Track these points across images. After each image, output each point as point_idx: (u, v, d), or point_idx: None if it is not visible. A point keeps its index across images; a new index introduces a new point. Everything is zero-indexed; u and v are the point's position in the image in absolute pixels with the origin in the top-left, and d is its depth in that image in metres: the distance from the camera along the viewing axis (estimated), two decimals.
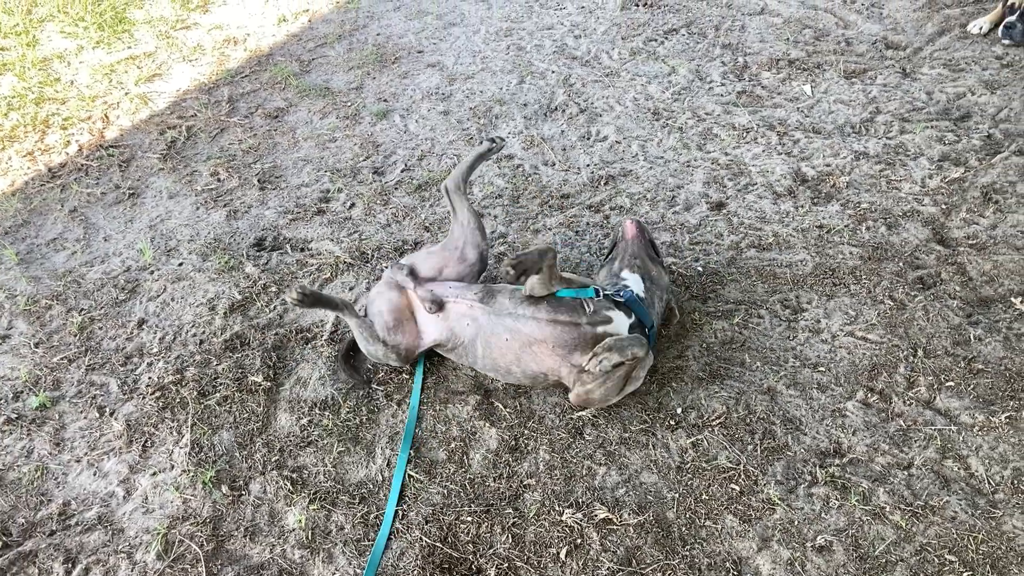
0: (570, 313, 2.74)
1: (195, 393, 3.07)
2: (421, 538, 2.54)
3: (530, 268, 2.63)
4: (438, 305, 2.92)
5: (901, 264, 3.39)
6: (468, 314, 2.89)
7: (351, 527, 2.60)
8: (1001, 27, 4.74)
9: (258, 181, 4.18)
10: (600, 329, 2.72)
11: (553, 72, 4.93)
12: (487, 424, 2.88)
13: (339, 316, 3.22)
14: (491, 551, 2.51)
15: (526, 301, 2.79)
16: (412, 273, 3.01)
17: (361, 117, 4.66)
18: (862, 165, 3.95)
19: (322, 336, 3.27)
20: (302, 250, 3.72)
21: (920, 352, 3.01)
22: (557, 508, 2.60)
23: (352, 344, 3.14)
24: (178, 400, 3.05)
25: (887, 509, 2.52)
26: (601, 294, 2.81)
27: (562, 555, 2.47)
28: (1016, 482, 2.56)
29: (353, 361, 3.16)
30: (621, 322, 2.77)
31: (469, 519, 2.60)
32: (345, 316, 3.00)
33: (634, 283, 2.93)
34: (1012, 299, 3.18)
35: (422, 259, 3.08)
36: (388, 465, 2.78)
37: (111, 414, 3.04)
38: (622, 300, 2.82)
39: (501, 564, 2.47)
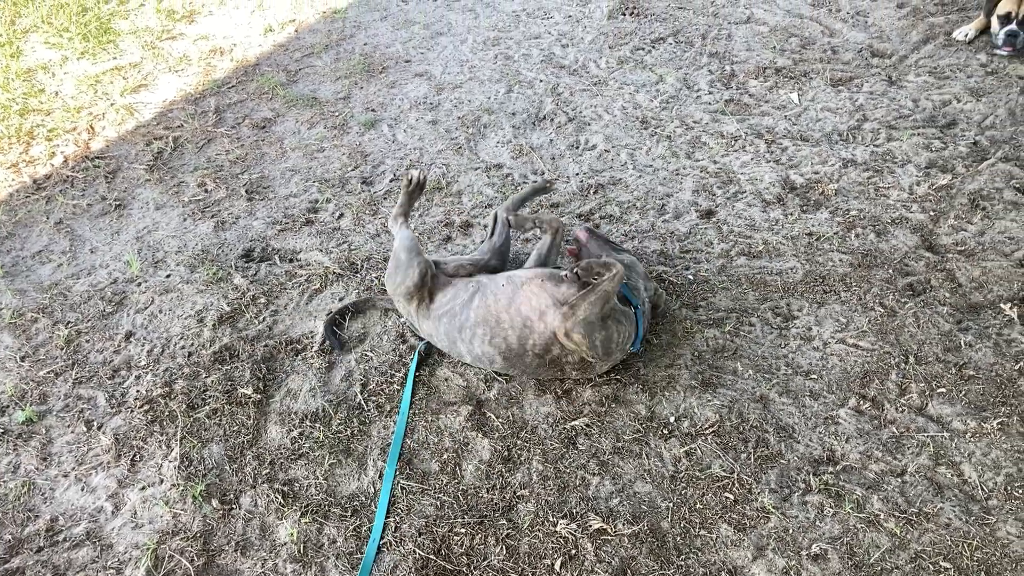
0: (568, 284, 2.86)
1: (184, 406, 3.04)
2: (415, 550, 2.52)
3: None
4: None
5: (891, 271, 3.39)
6: (472, 280, 3.04)
7: (343, 540, 2.58)
8: (1003, 34, 4.72)
9: (246, 192, 4.16)
10: None
11: (541, 81, 4.93)
12: (479, 435, 2.87)
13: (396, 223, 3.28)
14: (485, 563, 2.49)
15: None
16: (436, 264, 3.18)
17: (349, 127, 4.64)
18: (850, 172, 3.97)
19: (312, 347, 3.25)
20: (291, 261, 3.70)
21: (911, 359, 3.01)
22: (551, 519, 2.59)
23: (340, 312, 3.32)
24: (167, 413, 3.02)
25: (881, 516, 2.52)
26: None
27: (557, 566, 2.46)
28: (1009, 488, 2.57)
29: (336, 329, 3.30)
30: None
31: (463, 531, 2.58)
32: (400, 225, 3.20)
33: None
34: (1001, 305, 3.19)
35: (451, 262, 3.22)
36: (380, 477, 2.76)
37: (99, 428, 3.00)
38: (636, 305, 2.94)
39: None
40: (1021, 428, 2.74)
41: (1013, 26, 4.71)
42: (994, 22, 4.81)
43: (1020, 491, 2.56)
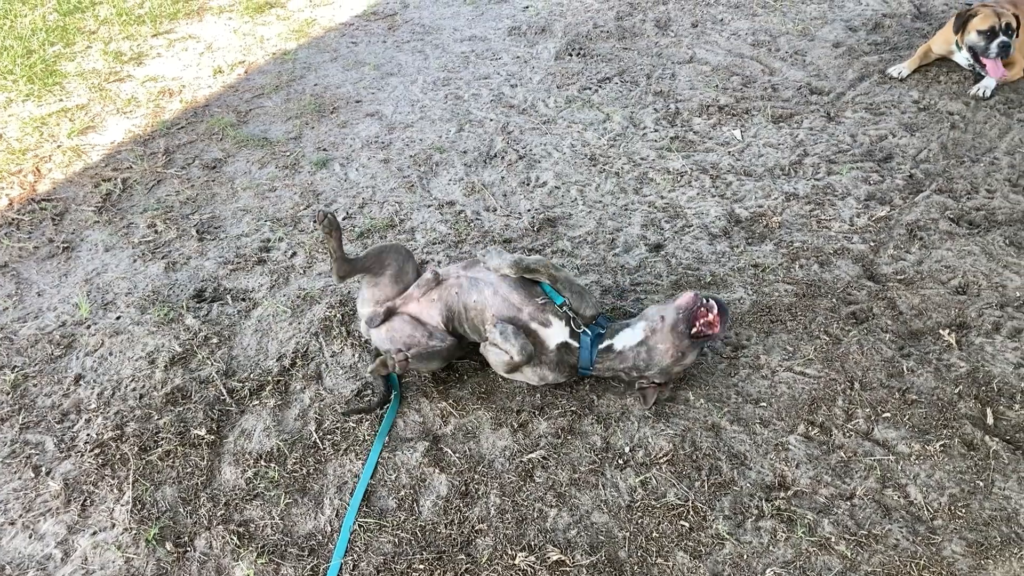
0: (522, 298, 2.97)
1: (136, 449, 2.99)
2: None
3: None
4: (436, 280, 3.15)
5: (834, 300, 3.49)
6: (455, 283, 3.11)
7: None
8: (995, 47, 4.79)
9: (197, 232, 4.14)
10: (533, 325, 2.95)
11: (491, 120, 5.01)
12: (436, 470, 2.87)
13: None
14: None
15: (499, 276, 3.03)
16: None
17: (301, 166, 4.66)
18: (793, 205, 4.09)
19: (267, 387, 3.23)
20: (243, 300, 3.68)
21: (856, 385, 3.10)
22: (510, 552, 2.59)
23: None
24: (118, 456, 2.98)
25: (832, 540, 2.57)
26: (566, 307, 2.99)
27: None
28: (953, 508, 2.64)
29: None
30: (555, 333, 2.97)
31: (421, 567, 2.57)
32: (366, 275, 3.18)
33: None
34: (940, 331, 3.31)
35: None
36: (337, 516, 2.75)
37: (47, 473, 2.95)
38: (583, 330, 3.00)
39: None
40: (963, 450, 2.83)
41: (1003, 37, 4.79)
42: (975, 39, 4.89)
43: (964, 511, 2.63)
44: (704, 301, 2.92)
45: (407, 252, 3.24)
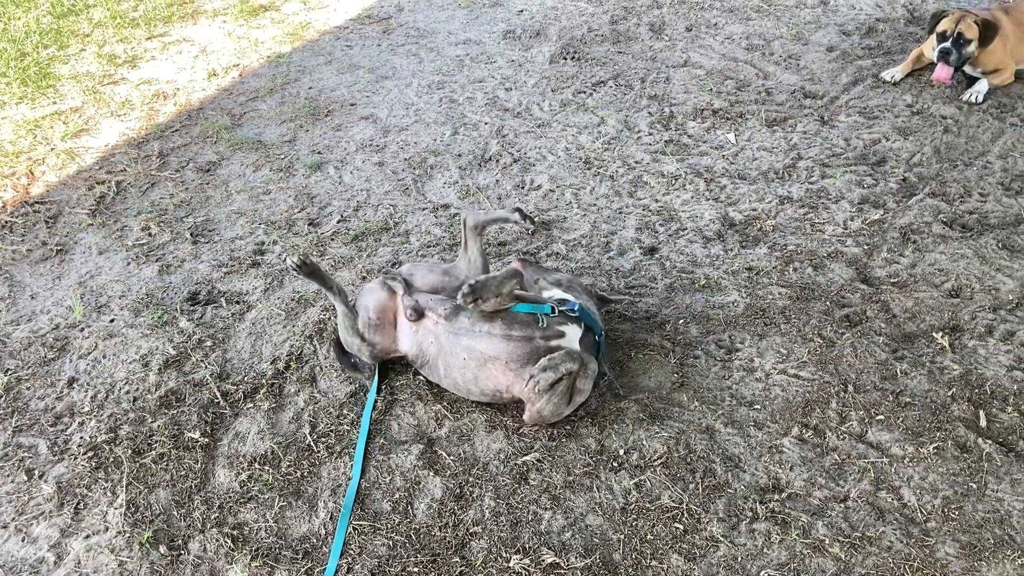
0: (524, 328, 2.86)
1: (130, 452, 2.99)
2: None
3: (487, 293, 2.76)
4: (418, 313, 3.04)
5: (828, 303, 3.50)
6: (432, 331, 3.00)
7: None
8: (937, 51, 4.91)
9: (191, 235, 4.14)
10: (554, 343, 2.85)
11: (486, 123, 5.01)
12: (431, 473, 2.87)
13: (328, 296, 3.25)
14: None
15: (483, 317, 2.88)
16: (406, 283, 3.15)
17: (295, 169, 4.66)
18: (787, 209, 4.10)
19: (261, 390, 3.23)
20: (237, 303, 3.68)
21: (850, 387, 3.11)
22: (504, 555, 2.59)
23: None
24: (112, 459, 2.97)
25: (826, 542, 2.58)
26: (556, 310, 2.92)
27: None
28: (946, 510, 2.65)
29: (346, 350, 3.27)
30: (573, 335, 2.90)
31: (415, 570, 2.57)
32: (335, 299, 3.12)
33: (562, 294, 3.07)
34: (934, 334, 3.32)
35: (422, 274, 3.23)
36: (331, 519, 2.74)
37: (40, 476, 2.94)
38: (575, 314, 2.94)
39: None
40: (956, 452, 2.83)
41: (947, 44, 4.87)
42: (933, 39, 4.97)
43: (957, 513, 2.64)
44: None
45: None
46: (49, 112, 5.37)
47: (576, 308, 2.96)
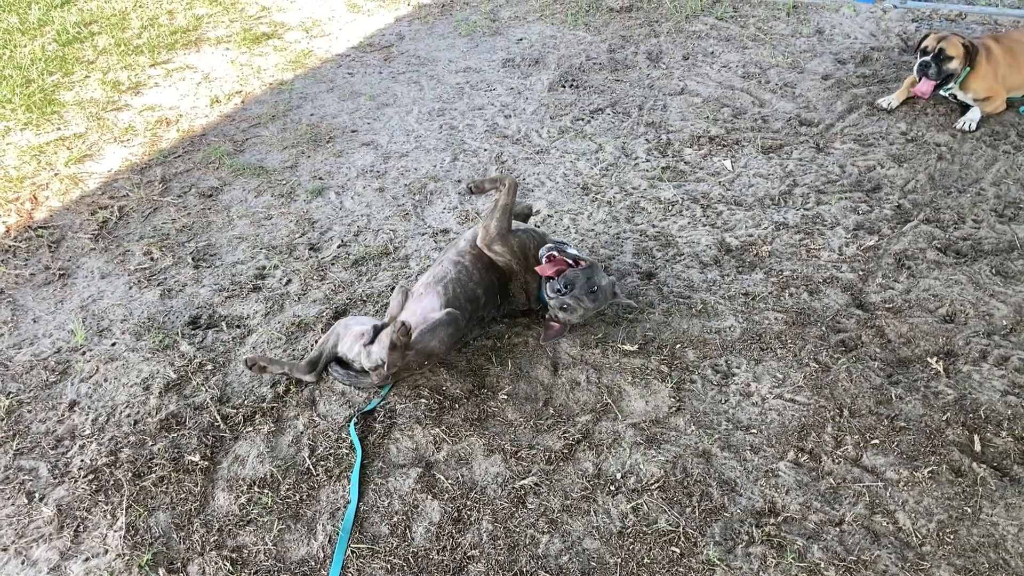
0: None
1: (130, 474, 3.01)
2: None
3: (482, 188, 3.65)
4: (405, 295, 3.46)
5: (823, 328, 3.53)
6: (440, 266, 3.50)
7: None
8: (916, 65, 4.98)
9: (192, 260, 4.18)
10: None
11: (485, 150, 5.07)
12: (429, 496, 2.89)
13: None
14: None
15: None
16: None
17: (296, 195, 4.71)
18: (782, 235, 4.14)
19: (261, 413, 3.25)
20: (238, 327, 3.71)
21: (846, 412, 3.13)
22: None
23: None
24: (112, 482, 2.99)
25: (822, 565, 2.59)
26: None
27: None
28: (941, 534, 2.66)
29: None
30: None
31: None
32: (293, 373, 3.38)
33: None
34: (928, 359, 3.34)
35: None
36: (330, 542, 2.76)
37: (40, 499, 2.96)
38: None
39: None
40: (951, 476, 2.85)
41: (927, 58, 4.94)
42: (917, 57, 5.04)
43: (952, 537, 2.66)
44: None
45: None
46: (53, 138, 5.43)
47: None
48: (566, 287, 3.23)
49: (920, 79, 5.03)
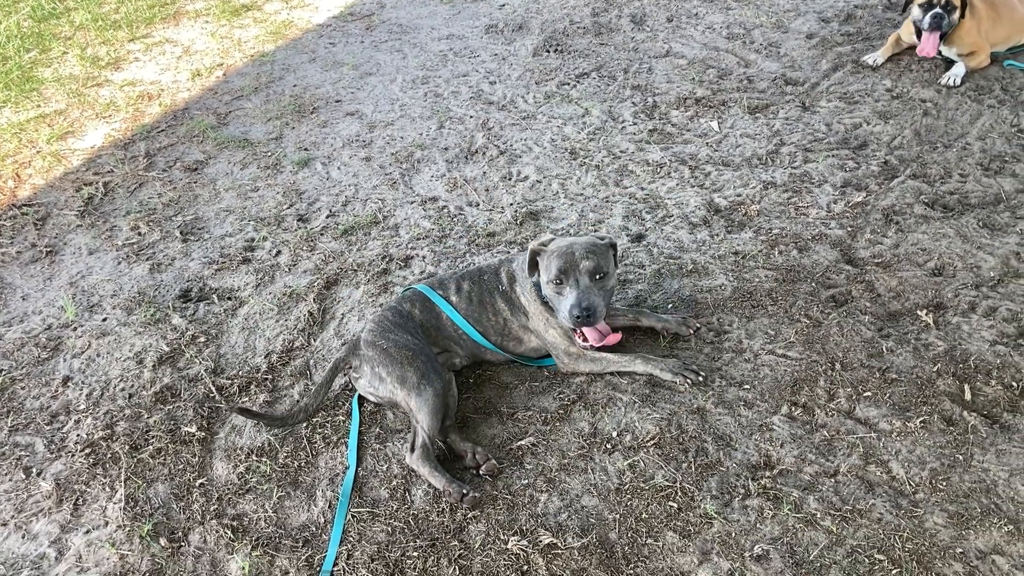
0: None
1: (127, 447, 3.01)
2: None
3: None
4: None
5: (814, 284, 3.55)
6: None
7: (295, 571, 2.58)
8: (928, 18, 4.92)
9: (180, 233, 4.15)
10: None
11: (471, 117, 5.04)
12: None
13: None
14: None
15: None
16: None
17: (282, 166, 4.68)
18: (771, 194, 4.15)
19: (254, 383, 3.25)
20: (229, 299, 3.70)
21: (838, 366, 3.16)
22: (502, 537, 2.63)
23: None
24: (109, 455, 2.99)
25: (818, 516, 2.62)
26: None
27: None
28: (934, 482, 2.70)
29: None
30: None
31: (415, 555, 2.60)
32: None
33: None
34: (918, 312, 3.37)
35: None
36: (329, 507, 2.77)
37: (38, 474, 2.96)
38: None
39: None
40: (942, 425, 2.89)
41: (937, 9, 4.91)
42: (916, 13, 5.01)
43: (944, 484, 2.69)
44: None
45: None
46: (33, 115, 5.37)
47: None
48: (586, 314, 2.93)
49: (931, 33, 4.96)
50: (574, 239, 3.06)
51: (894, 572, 2.44)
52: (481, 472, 2.84)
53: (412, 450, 2.84)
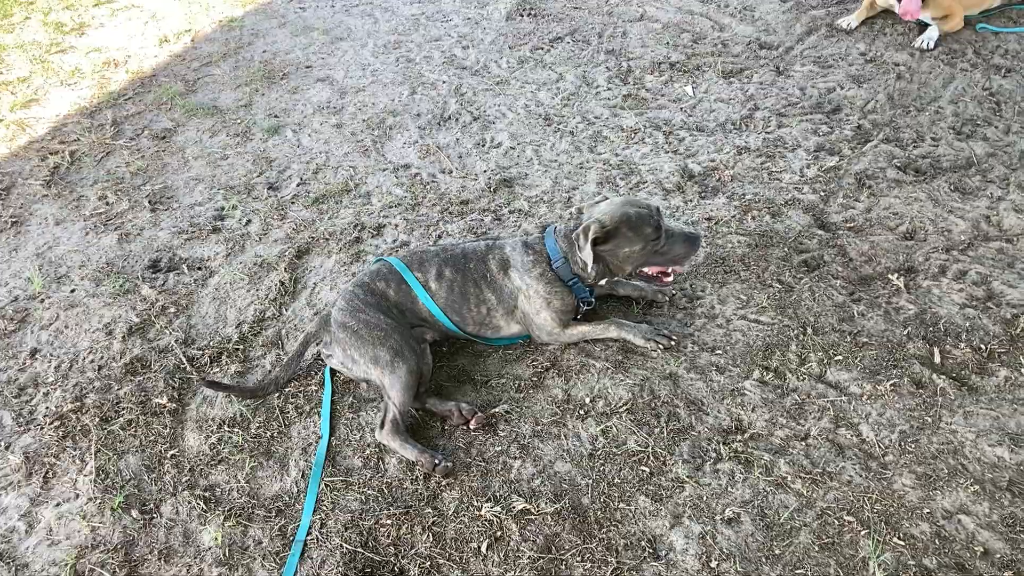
0: None
1: (97, 419, 2.98)
2: (341, 545, 2.54)
3: None
4: None
5: (786, 249, 3.56)
6: None
7: (269, 540, 2.58)
8: None
9: (149, 203, 4.09)
10: None
11: (444, 82, 4.99)
12: None
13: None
14: (412, 551, 2.52)
15: None
16: None
17: (252, 134, 4.61)
18: (744, 159, 4.14)
19: (225, 354, 3.22)
20: (199, 269, 3.66)
21: (809, 330, 3.17)
22: (475, 504, 2.64)
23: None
24: (79, 428, 2.96)
25: (788, 479, 2.65)
26: None
27: (483, 548, 2.51)
28: (903, 444, 2.73)
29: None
30: None
31: (388, 522, 2.61)
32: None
33: None
34: (889, 276, 3.39)
35: None
36: (303, 477, 2.77)
37: (6, 448, 2.93)
38: None
39: (423, 563, 2.49)
40: (912, 388, 2.91)
41: None
42: None
43: (913, 446, 2.72)
44: None
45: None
46: None
47: None
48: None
49: None
50: (621, 202, 3.09)
51: (863, 533, 2.47)
52: (471, 427, 2.85)
53: (382, 426, 2.83)
